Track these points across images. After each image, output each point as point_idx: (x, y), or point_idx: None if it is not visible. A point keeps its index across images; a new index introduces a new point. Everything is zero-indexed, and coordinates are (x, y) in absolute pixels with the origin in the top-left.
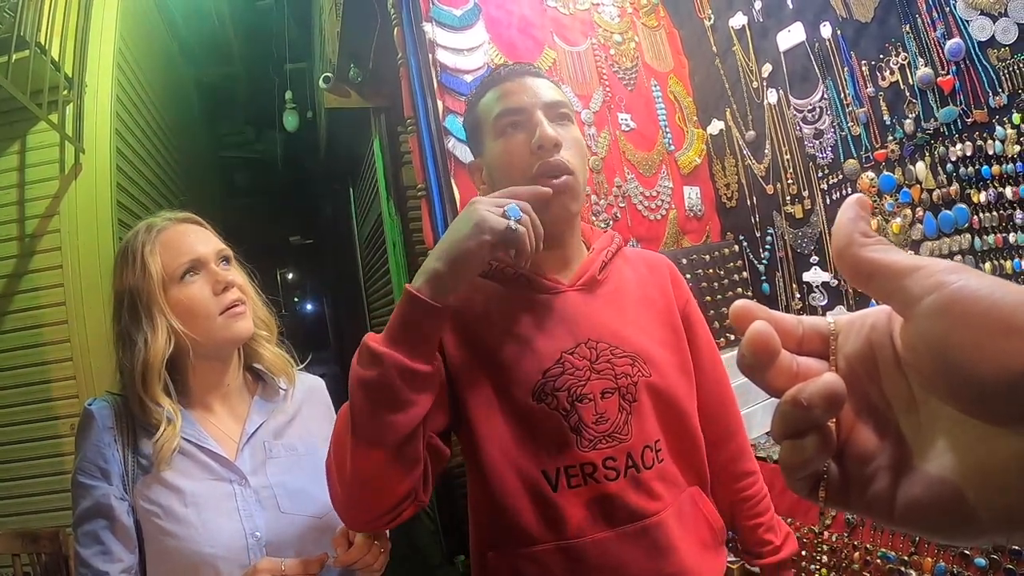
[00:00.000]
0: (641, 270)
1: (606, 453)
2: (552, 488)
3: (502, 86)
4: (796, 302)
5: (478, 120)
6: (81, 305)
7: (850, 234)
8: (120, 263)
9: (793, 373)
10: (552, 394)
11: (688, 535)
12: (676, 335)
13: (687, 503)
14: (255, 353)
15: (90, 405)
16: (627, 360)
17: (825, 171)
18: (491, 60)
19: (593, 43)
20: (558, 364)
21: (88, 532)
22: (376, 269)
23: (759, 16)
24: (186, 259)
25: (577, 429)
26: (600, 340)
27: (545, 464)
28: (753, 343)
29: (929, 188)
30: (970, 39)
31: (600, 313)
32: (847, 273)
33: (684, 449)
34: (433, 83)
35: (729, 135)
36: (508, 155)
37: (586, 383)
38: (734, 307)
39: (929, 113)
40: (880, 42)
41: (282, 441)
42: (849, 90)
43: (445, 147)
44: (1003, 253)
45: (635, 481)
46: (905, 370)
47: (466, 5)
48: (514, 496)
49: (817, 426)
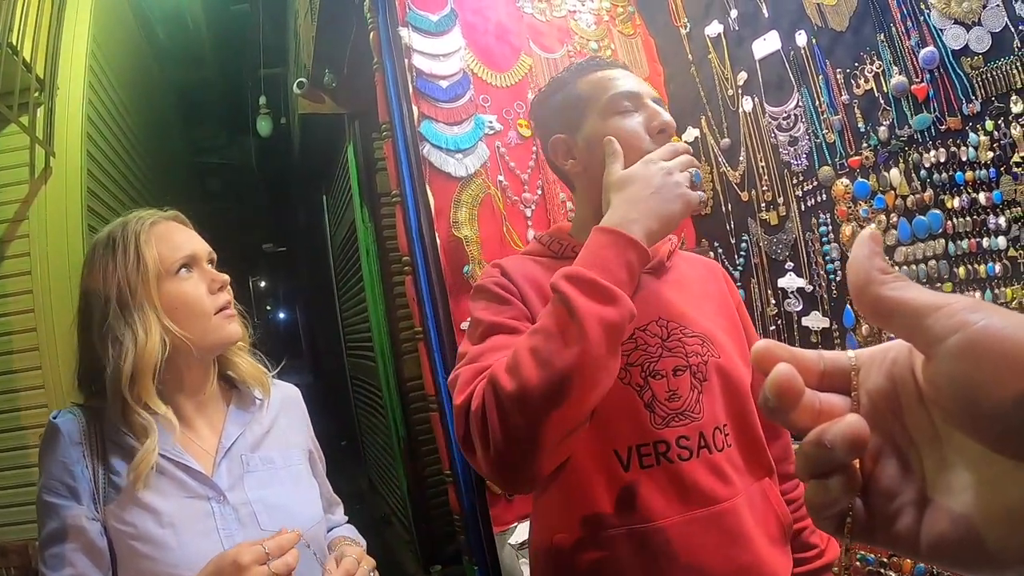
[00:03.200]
0: (699, 269)
1: (679, 432)
2: (624, 468)
3: (609, 71)
4: (771, 308)
5: (578, 98)
6: (50, 312)
7: (868, 271)
8: (103, 254)
9: (816, 411)
10: (626, 369)
11: (759, 527)
12: (736, 328)
13: (758, 494)
14: (230, 362)
15: (55, 419)
16: (697, 340)
17: (800, 178)
18: (467, 66)
19: (569, 50)
20: (631, 339)
21: (57, 554)
22: (349, 276)
23: (735, 25)
24: (182, 253)
25: (650, 405)
26: (671, 320)
27: (617, 443)
28: (777, 386)
29: (903, 194)
30: (944, 48)
31: (669, 294)
32: (866, 311)
33: (748, 438)
34: (409, 88)
35: (704, 142)
36: (628, 132)
37: (658, 360)
38: (756, 348)
39: (903, 120)
40: (855, 50)
41: (259, 453)
42: (824, 98)
43: (420, 153)
44: (977, 258)
45: (708, 463)
46: (928, 405)
47: (443, 10)
48: (585, 476)
49: (842, 466)
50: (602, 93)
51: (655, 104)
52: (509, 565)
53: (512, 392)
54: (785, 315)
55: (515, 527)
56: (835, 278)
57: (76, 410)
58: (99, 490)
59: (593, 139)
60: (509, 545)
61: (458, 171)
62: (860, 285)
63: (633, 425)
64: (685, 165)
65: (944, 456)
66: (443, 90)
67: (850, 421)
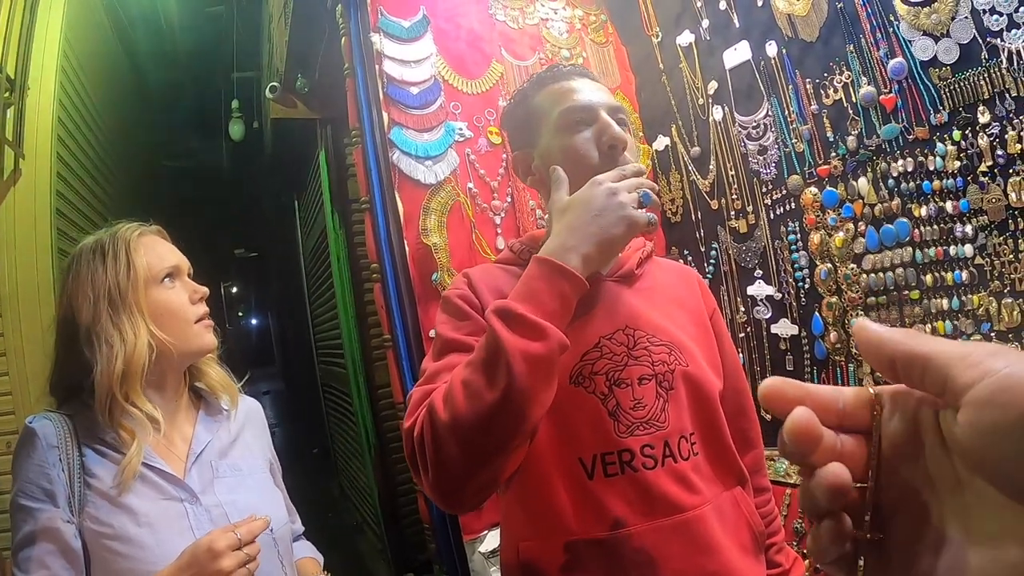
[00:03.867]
0: (672, 276)
1: (644, 440)
2: (588, 476)
3: (564, 83)
4: (741, 316)
5: (534, 113)
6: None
7: (879, 333)
8: (94, 260)
9: (837, 453)
10: (590, 377)
11: (729, 536)
12: (708, 336)
13: (728, 503)
14: (201, 371)
15: (31, 423)
16: (664, 348)
17: (769, 186)
18: (438, 72)
19: (541, 58)
20: (596, 348)
21: (31, 557)
22: (321, 283)
23: (706, 34)
24: (168, 264)
25: (615, 414)
26: (638, 328)
27: (581, 452)
28: (795, 432)
29: (871, 203)
30: (912, 59)
31: (637, 303)
32: (885, 369)
33: (717, 447)
34: (379, 94)
35: (675, 151)
36: (576, 150)
37: (624, 368)
38: (764, 387)
39: (871, 130)
40: (824, 61)
41: (226, 461)
42: (793, 107)
43: (390, 159)
44: (944, 266)
45: (673, 472)
46: (951, 451)
47: (414, 17)
48: (549, 484)
49: (828, 513)
50: (555, 107)
51: (609, 116)
52: (480, 573)
53: (446, 423)
54: (754, 322)
55: (485, 535)
56: (804, 286)
57: (52, 415)
58: (75, 493)
59: (547, 156)
60: (479, 553)
61: (428, 178)
62: (875, 346)
63: (597, 434)
64: (632, 187)
65: (965, 503)
66: (414, 96)
67: (831, 469)
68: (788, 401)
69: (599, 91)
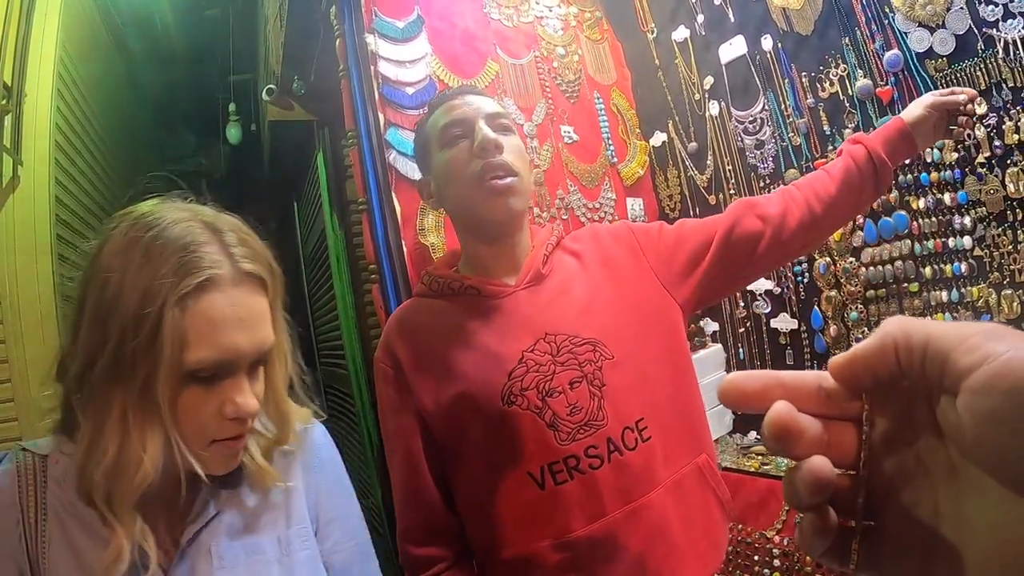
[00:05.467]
0: (591, 254)
1: (586, 443)
2: (540, 487)
3: (446, 104)
4: (740, 310)
5: (426, 138)
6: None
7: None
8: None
9: (825, 444)
10: (521, 394)
11: (687, 511)
12: (647, 299)
13: (691, 476)
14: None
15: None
16: (587, 347)
17: (766, 181)
18: (433, 72)
19: (536, 56)
20: (521, 364)
21: None
22: (321, 284)
23: (701, 30)
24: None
25: (553, 424)
26: (558, 332)
27: (529, 466)
28: (774, 427)
29: None
30: (908, 51)
31: (552, 306)
32: (865, 385)
33: (670, 422)
34: (375, 95)
35: (671, 147)
36: (453, 161)
37: (552, 377)
38: (720, 387)
39: (868, 123)
40: (820, 54)
41: (241, 542)
42: (790, 101)
43: (386, 160)
44: (943, 258)
45: (620, 465)
46: (946, 438)
47: (409, 17)
48: (505, 503)
49: (811, 507)
50: (435, 129)
51: (485, 123)
52: None
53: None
54: (754, 317)
55: None
56: (803, 280)
57: (22, 455)
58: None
59: (438, 173)
60: None
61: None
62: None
63: (540, 446)
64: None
65: (960, 491)
66: (409, 97)
67: (812, 463)
68: (749, 397)
69: (479, 103)
